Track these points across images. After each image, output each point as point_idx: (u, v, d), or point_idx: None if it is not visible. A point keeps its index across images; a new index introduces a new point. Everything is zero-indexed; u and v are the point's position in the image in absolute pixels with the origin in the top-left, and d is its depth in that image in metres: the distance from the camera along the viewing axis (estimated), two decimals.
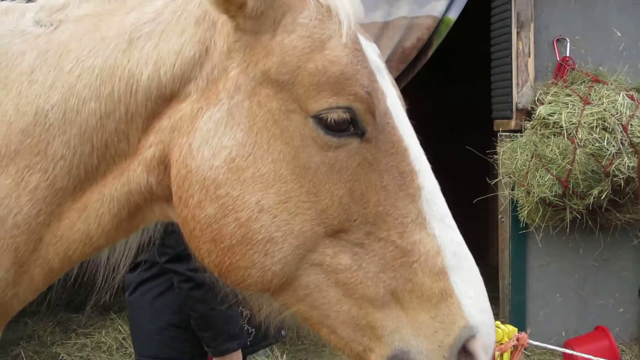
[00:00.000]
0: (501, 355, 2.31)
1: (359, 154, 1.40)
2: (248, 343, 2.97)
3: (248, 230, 1.39)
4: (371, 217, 1.43)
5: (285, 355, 5.66)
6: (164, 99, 1.44)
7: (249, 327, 2.99)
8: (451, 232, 1.47)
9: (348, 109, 1.37)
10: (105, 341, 6.04)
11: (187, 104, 1.43)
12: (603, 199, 5.39)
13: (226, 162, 1.38)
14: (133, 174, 1.48)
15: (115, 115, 1.44)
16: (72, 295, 6.74)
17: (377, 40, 5.52)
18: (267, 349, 5.55)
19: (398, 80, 5.68)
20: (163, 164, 1.47)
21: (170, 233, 1.72)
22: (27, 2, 1.61)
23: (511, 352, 2.30)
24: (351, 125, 1.38)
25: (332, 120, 1.35)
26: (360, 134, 1.40)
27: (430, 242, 1.42)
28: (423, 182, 1.48)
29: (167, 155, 1.46)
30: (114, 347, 5.86)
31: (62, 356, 5.78)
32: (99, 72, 1.43)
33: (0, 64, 1.46)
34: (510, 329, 2.32)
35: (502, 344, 2.28)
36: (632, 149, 5.38)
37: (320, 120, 1.36)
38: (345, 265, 1.42)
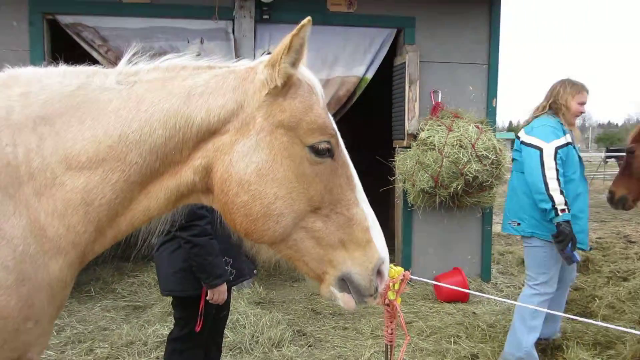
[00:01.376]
0: (393, 285, 2.27)
1: (330, 166, 1.56)
2: (231, 279, 3.04)
3: (268, 210, 1.48)
4: (334, 201, 1.56)
5: (261, 287, 5.85)
6: (210, 133, 1.49)
7: (231, 269, 3.05)
8: (369, 208, 1.62)
9: (327, 142, 1.54)
10: (146, 280, 6.18)
11: (227, 136, 1.48)
12: (459, 189, 5.69)
13: (255, 170, 1.46)
14: (184, 174, 1.51)
15: (175, 139, 1.47)
16: (124, 250, 6.80)
17: (322, 89, 6.00)
18: (249, 282, 5.79)
19: (335, 115, 6.14)
20: (205, 170, 1.50)
21: (178, 212, 1.66)
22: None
23: (400, 283, 2.27)
24: (328, 151, 1.54)
25: (320, 148, 1.52)
26: (332, 155, 1.56)
27: (361, 213, 1.59)
28: (356, 182, 1.63)
29: (210, 165, 1.50)
30: (153, 284, 5.99)
31: (118, 290, 5.91)
32: (166, 112, 1.46)
33: (93, 106, 1.44)
34: (399, 269, 2.27)
35: (394, 278, 2.25)
36: (477, 159, 5.63)
37: (312, 148, 1.51)
38: (319, 227, 1.54)
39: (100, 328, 4.76)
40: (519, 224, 4.03)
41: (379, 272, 1.59)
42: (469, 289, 5.21)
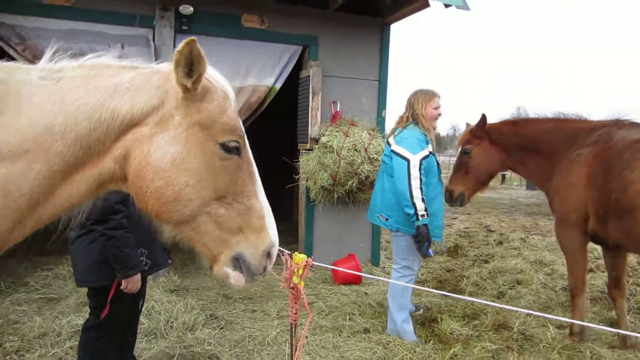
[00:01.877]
0: (298, 270, 2.23)
1: (236, 162, 1.58)
2: (146, 269, 2.90)
3: (178, 195, 1.49)
4: (237, 191, 1.58)
5: (176, 276, 5.64)
6: (131, 125, 1.46)
7: (146, 260, 2.90)
8: (266, 201, 1.66)
9: (236, 142, 1.56)
10: (61, 272, 5.64)
11: (146, 128, 1.46)
12: (354, 186, 5.83)
13: (170, 160, 1.46)
14: (105, 163, 1.48)
15: (99, 130, 1.44)
16: (39, 244, 6.13)
17: (235, 97, 5.87)
18: (165, 271, 5.54)
19: (247, 120, 6.05)
20: (124, 159, 1.48)
21: (94, 207, 1.59)
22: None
23: (303, 268, 2.22)
24: (236, 149, 1.57)
25: (229, 146, 1.55)
26: (239, 153, 1.58)
27: (258, 204, 1.63)
28: (257, 178, 1.66)
29: (128, 153, 1.47)
30: (68, 276, 5.47)
31: (31, 283, 5.30)
32: (92, 105, 1.42)
33: (14, 100, 1.38)
34: (303, 256, 2.23)
35: (298, 264, 2.22)
36: (369, 161, 5.77)
37: (223, 145, 1.54)
38: (221, 213, 1.56)
39: (10, 322, 4.22)
40: (387, 219, 4.17)
41: (268, 255, 1.64)
42: (362, 272, 5.32)
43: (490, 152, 4.46)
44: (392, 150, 4.05)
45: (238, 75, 5.81)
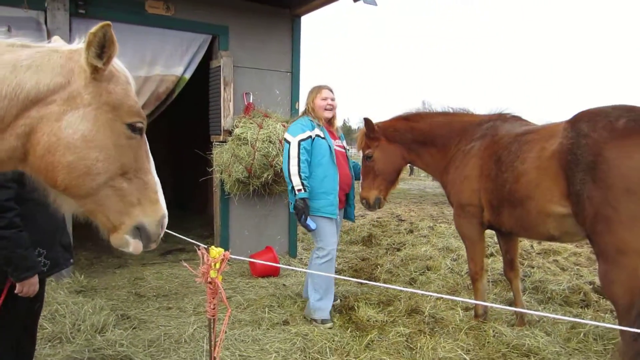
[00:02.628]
0: (215, 264, 2.19)
1: (139, 142, 1.70)
2: (45, 270, 2.67)
3: (88, 169, 1.56)
4: (137, 168, 1.69)
5: (82, 276, 5.33)
6: (37, 101, 1.49)
7: (45, 260, 2.67)
8: (157, 176, 1.79)
9: (142, 123, 1.69)
10: None
11: (54, 106, 1.50)
12: (269, 179, 5.79)
13: (81, 137, 1.53)
14: (6, 141, 1.49)
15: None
16: None
17: (142, 86, 5.57)
18: (69, 272, 5.26)
19: (155, 111, 5.80)
20: (27, 136, 1.50)
21: None
22: None
23: (220, 262, 2.19)
24: (140, 130, 1.68)
25: (136, 127, 1.66)
26: (141, 134, 1.70)
27: (153, 179, 1.75)
28: (150, 156, 1.78)
29: (33, 130, 1.50)
30: None
31: None
32: None
33: None
34: (220, 250, 2.20)
35: (215, 258, 2.19)
36: None
37: (130, 125, 1.64)
38: (123, 186, 1.65)
39: None
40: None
41: (162, 225, 1.80)
42: (279, 264, 5.32)
43: (391, 150, 4.53)
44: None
45: (144, 64, 5.56)
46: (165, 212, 1.80)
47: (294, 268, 3.47)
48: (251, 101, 6.25)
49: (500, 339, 3.84)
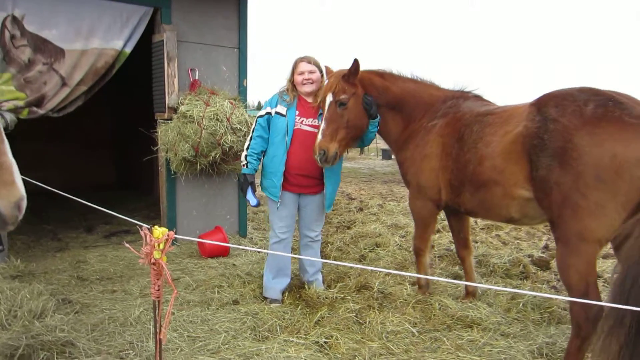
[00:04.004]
0: (158, 245, 2.17)
1: None
2: None
3: None
4: None
5: (19, 260, 5.09)
6: None
7: None
8: (12, 157, 1.81)
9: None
10: None
11: None
12: (217, 157, 5.64)
13: None
14: None
15: None
16: None
17: (78, 60, 5.29)
18: (5, 257, 5.07)
19: (94, 86, 5.54)
20: None
21: None
22: None
23: (164, 243, 2.17)
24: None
25: None
26: None
27: (8, 160, 1.78)
28: (5, 138, 1.82)
29: None
30: None
31: None
32: None
33: None
34: (164, 229, 2.18)
35: (158, 238, 2.17)
36: (232, 131, 5.65)
37: None
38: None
39: None
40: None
41: (19, 207, 1.81)
42: (229, 244, 5.27)
43: (359, 108, 4.05)
44: None
45: (79, 37, 5.27)
46: (23, 193, 1.80)
47: (243, 247, 3.43)
48: (197, 78, 6.07)
49: (446, 312, 3.98)
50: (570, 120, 2.86)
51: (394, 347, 3.43)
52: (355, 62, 3.95)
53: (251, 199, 4.24)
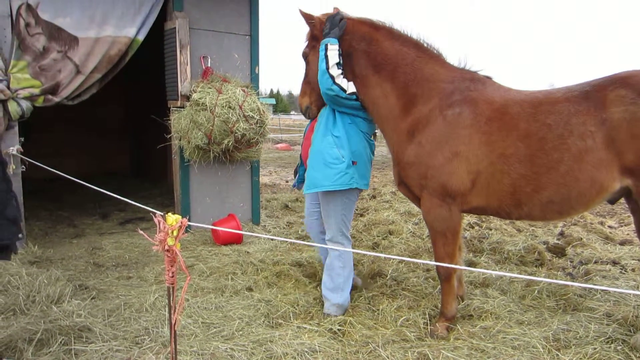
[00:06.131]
0: (172, 232, 2.13)
1: None
2: None
3: None
4: None
5: (36, 246, 5.16)
6: None
7: None
8: None
9: None
10: None
11: None
12: (230, 145, 5.65)
13: None
14: None
15: None
16: None
17: (92, 48, 5.30)
18: (23, 243, 5.08)
19: (108, 74, 5.55)
20: None
21: None
22: None
23: (178, 230, 2.12)
24: None
25: None
26: None
27: None
28: None
29: None
30: None
31: None
32: None
33: None
34: (177, 216, 2.12)
35: (172, 225, 2.12)
36: (244, 119, 5.66)
37: None
38: None
39: None
40: None
41: None
42: (242, 231, 5.27)
43: None
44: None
45: (93, 24, 5.28)
46: None
47: (257, 235, 3.43)
48: (209, 65, 6.06)
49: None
50: None
51: (408, 333, 3.41)
52: (301, 13, 3.65)
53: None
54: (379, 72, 3.47)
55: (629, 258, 5.20)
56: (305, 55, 3.73)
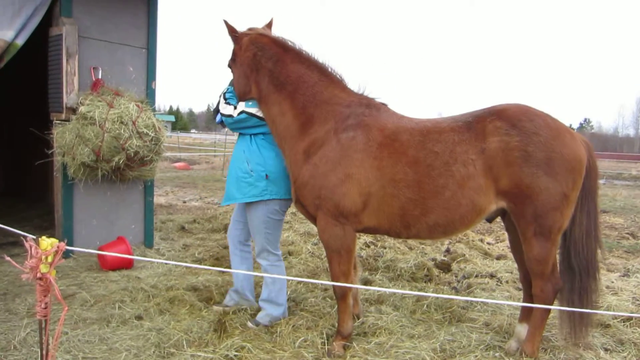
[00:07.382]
0: (46, 258, 1.99)
1: None
2: None
3: None
4: None
5: None
6: None
7: None
8: None
9: None
10: None
11: None
12: (121, 163, 5.27)
13: None
14: None
15: None
16: None
17: None
18: None
19: None
20: None
21: None
22: None
23: (53, 255, 1.99)
24: None
25: None
26: None
27: None
28: None
29: None
30: None
31: None
32: None
33: None
34: (53, 240, 1.98)
35: (46, 250, 1.99)
36: (138, 135, 5.32)
37: None
38: None
39: None
40: None
41: None
42: (133, 256, 4.91)
43: (242, 70, 3.73)
44: None
45: None
46: None
47: (148, 259, 3.20)
48: (100, 77, 5.64)
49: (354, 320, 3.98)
50: (546, 132, 3.13)
51: (306, 354, 3.36)
52: (225, 24, 3.75)
53: None
54: (279, 91, 3.58)
55: (504, 271, 5.68)
56: (229, 66, 3.93)
